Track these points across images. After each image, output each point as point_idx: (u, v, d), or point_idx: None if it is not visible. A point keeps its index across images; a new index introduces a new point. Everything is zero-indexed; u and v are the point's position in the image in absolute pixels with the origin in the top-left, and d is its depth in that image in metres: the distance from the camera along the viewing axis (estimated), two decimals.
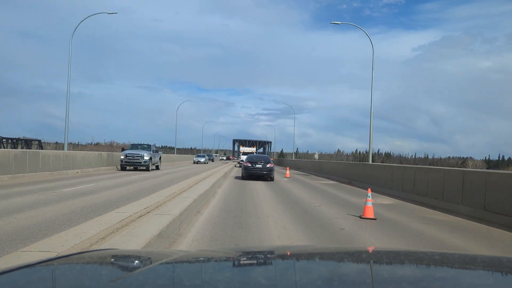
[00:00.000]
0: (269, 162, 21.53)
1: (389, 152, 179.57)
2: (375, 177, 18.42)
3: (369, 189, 9.92)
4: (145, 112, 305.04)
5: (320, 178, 26.93)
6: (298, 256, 1.65)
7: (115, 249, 1.84)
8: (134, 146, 26.98)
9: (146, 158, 24.78)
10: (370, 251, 1.86)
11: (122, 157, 24.86)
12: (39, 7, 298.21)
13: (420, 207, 11.88)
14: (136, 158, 24.68)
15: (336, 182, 22.76)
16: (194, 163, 52.32)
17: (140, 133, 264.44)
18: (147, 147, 26.90)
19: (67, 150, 24.37)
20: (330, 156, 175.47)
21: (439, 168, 13.56)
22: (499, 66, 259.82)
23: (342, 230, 7.60)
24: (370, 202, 9.25)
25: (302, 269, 1.37)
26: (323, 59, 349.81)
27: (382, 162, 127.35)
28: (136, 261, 1.46)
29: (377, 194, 15.04)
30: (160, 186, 14.27)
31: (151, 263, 1.30)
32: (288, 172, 28.64)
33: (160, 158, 28.61)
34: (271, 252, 1.76)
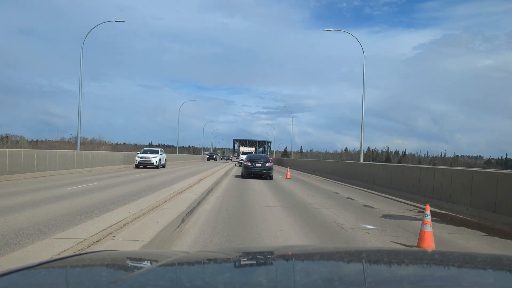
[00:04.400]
0: (268, 161, 22.60)
1: (403, 151, 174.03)
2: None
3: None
4: (145, 110, 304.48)
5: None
6: (298, 256, 1.65)
7: (114, 250, 1.84)
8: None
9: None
10: (370, 251, 1.86)
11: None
12: (39, 4, 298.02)
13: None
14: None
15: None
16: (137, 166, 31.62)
17: (140, 131, 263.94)
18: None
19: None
20: (340, 155, 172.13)
21: None
22: (499, 64, 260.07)
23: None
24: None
25: (302, 269, 1.37)
26: (323, 57, 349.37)
27: (399, 162, 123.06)
28: (136, 262, 1.46)
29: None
30: None
31: (151, 264, 1.30)
32: None
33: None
34: (271, 253, 1.76)
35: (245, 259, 1.55)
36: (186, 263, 1.42)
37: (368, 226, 8.15)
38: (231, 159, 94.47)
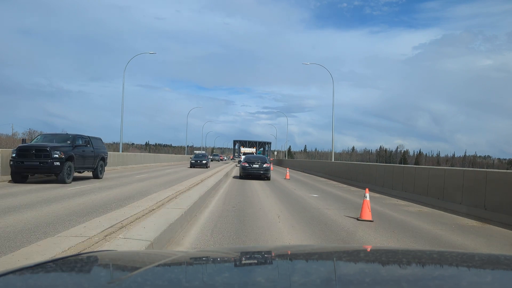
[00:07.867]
0: (265, 162, 22.67)
1: (417, 151, 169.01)
2: None
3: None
4: (144, 111, 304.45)
5: None
6: (297, 256, 1.65)
7: (113, 250, 1.84)
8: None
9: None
10: (368, 250, 1.86)
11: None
12: (39, 4, 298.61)
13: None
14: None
15: None
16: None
17: (140, 131, 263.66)
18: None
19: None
20: (350, 155, 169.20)
21: None
22: (499, 64, 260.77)
23: None
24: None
25: (301, 269, 1.37)
26: (323, 57, 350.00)
27: (416, 163, 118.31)
28: (135, 263, 1.45)
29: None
30: None
31: (149, 264, 1.30)
32: None
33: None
34: (270, 252, 1.76)
35: (244, 259, 1.55)
36: (185, 263, 1.42)
37: None
38: (227, 160, 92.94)
